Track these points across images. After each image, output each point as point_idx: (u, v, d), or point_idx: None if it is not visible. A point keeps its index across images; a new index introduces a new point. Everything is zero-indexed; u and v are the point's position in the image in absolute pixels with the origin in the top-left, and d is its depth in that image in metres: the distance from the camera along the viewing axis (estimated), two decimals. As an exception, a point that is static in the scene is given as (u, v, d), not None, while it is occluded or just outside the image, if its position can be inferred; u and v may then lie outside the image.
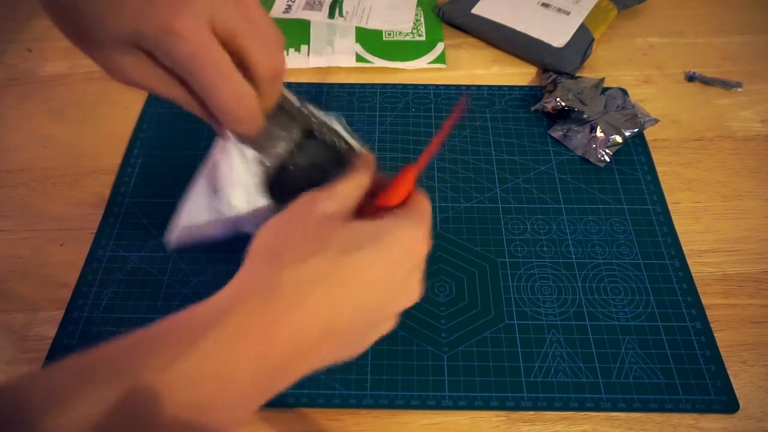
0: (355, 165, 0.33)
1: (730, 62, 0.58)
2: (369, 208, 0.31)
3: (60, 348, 0.39)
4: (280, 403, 0.37)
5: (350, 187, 0.31)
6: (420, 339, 0.40)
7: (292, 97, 0.33)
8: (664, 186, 0.48)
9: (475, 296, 0.41)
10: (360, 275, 0.27)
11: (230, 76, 0.27)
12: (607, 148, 0.49)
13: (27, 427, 0.20)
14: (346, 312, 0.27)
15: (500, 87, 0.55)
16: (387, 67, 0.57)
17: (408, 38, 0.59)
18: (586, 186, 0.48)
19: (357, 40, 0.59)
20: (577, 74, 0.55)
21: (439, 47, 0.58)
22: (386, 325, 0.31)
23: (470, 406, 0.37)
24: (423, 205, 0.31)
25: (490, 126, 0.52)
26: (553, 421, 0.37)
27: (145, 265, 0.43)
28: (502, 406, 0.37)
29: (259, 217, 0.32)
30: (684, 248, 0.44)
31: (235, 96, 0.28)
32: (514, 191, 0.47)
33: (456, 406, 0.37)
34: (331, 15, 0.61)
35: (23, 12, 0.61)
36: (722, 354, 0.39)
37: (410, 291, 0.30)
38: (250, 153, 0.32)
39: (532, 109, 0.52)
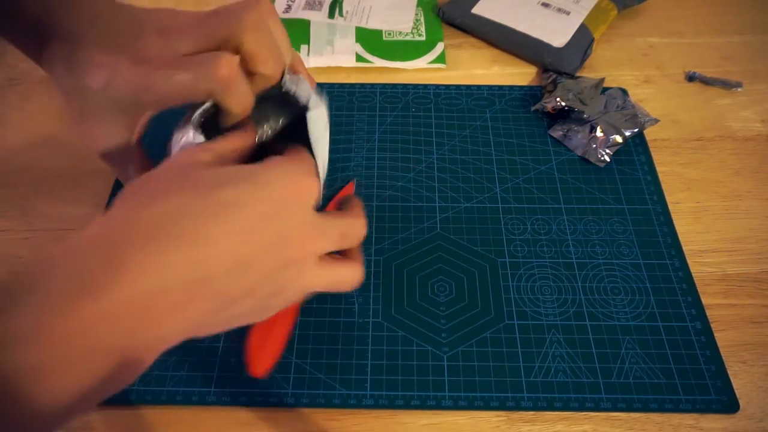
0: (239, 129, 0.31)
1: (730, 62, 0.58)
2: None
3: (60, 348, 0.39)
4: (280, 403, 0.37)
5: (228, 143, 0.29)
6: (420, 339, 0.40)
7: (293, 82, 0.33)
8: (664, 186, 0.48)
9: (475, 296, 0.41)
10: (235, 212, 0.25)
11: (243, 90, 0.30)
12: (607, 148, 0.49)
13: None
14: (221, 256, 0.24)
15: (500, 87, 0.55)
16: (387, 67, 0.57)
17: (408, 38, 0.59)
18: (586, 186, 0.48)
19: (357, 40, 0.59)
20: (577, 74, 0.55)
21: (439, 47, 0.58)
22: (284, 282, 0.27)
23: (470, 406, 0.37)
24: (303, 154, 0.30)
25: (490, 126, 0.52)
26: (553, 421, 0.37)
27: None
28: (502, 406, 0.37)
29: None
30: (684, 248, 0.44)
31: (241, 100, 0.30)
32: (514, 191, 0.47)
33: (456, 406, 0.37)
34: (331, 15, 0.61)
35: (23, 12, 0.61)
36: (722, 354, 0.39)
37: (303, 238, 0.27)
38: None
39: (532, 109, 0.52)
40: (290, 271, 0.27)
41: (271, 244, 0.26)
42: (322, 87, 0.55)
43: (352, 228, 0.31)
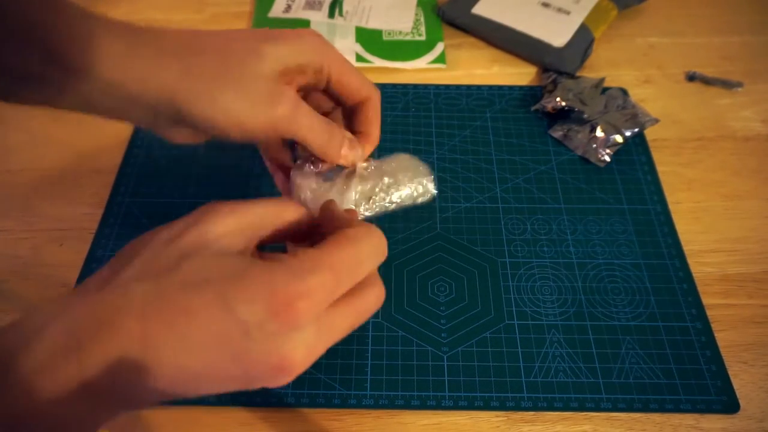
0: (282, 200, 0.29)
1: (731, 62, 0.58)
2: None
3: (60, 348, 0.39)
4: (280, 403, 0.37)
5: (258, 214, 0.26)
6: (420, 339, 0.39)
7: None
8: (664, 186, 0.48)
9: (475, 296, 0.41)
10: (187, 323, 0.22)
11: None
12: (608, 148, 0.49)
13: None
14: (162, 365, 0.22)
15: (500, 87, 0.55)
16: (387, 67, 0.57)
17: (408, 38, 0.59)
18: (586, 186, 0.48)
19: (357, 40, 0.59)
20: (578, 74, 0.55)
21: (439, 47, 0.58)
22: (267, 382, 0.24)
23: (470, 406, 0.37)
24: (340, 254, 0.25)
25: (490, 126, 0.52)
26: (553, 421, 0.37)
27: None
28: (502, 406, 0.37)
29: None
30: (684, 248, 0.44)
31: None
32: (514, 191, 0.47)
33: (456, 406, 0.37)
34: (331, 14, 0.61)
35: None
36: (723, 354, 0.39)
37: (267, 363, 0.23)
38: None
39: (532, 109, 0.52)
40: (267, 383, 0.24)
41: (225, 369, 0.23)
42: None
43: (366, 313, 0.27)
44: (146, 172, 0.48)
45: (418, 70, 0.57)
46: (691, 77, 0.56)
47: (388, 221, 0.45)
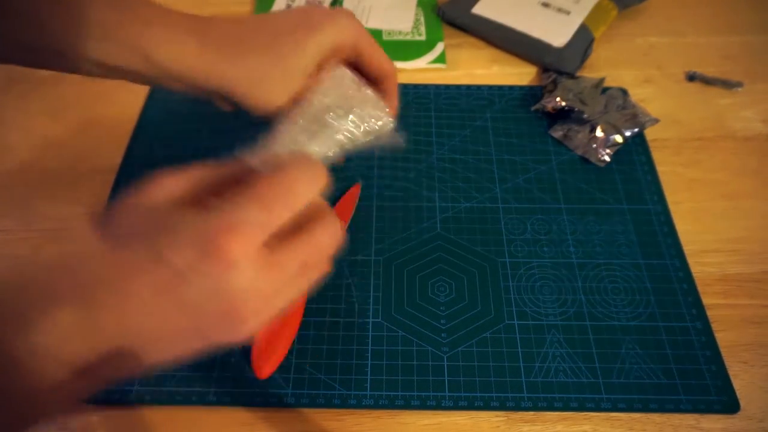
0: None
1: (731, 62, 0.58)
2: None
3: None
4: (280, 403, 0.37)
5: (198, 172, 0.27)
6: (420, 339, 0.39)
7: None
8: (664, 186, 0.48)
9: (475, 296, 0.41)
10: (130, 278, 0.22)
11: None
12: (608, 148, 0.49)
13: None
14: (112, 325, 0.22)
15: (500, 87, 0.55)
16: (387, 67, 0.57)
17: (408, 38, 0.59)
18: (586, 186, 0.48)
19: (357, 40, 0.58)
20: (578, 74, 0.55)
21: (439, 47, 0.58)
22: (222, 340, 0.24)
23: (470, 406, 0.37)
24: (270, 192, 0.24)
25: (490, 126, 0.52)
26: (553, 421, 0.37)
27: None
28: (502, 406, 0.37)
29: None
30: (684, 248, 0.44)
31: None
32: (514, 191, 0.47)
33: (456, 406, 0.37)
34: (331, 15, 0.61)
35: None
36: (723, 354, 0.39)
37: (213, 309, 0.23)
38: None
39: (532, 109, 0.52)
40: (224, 336, 0.24)
41: (174, 318, 0.23)
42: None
43: (317, 249, 0.25)
44: (146, 172, 0.48)
45: (418, 70, 0.57)
46: (691, 77, 0.56)
47: (389, 221, 0.45)
